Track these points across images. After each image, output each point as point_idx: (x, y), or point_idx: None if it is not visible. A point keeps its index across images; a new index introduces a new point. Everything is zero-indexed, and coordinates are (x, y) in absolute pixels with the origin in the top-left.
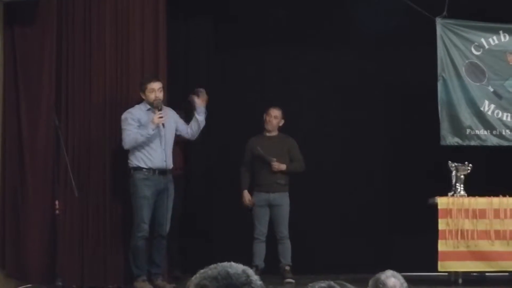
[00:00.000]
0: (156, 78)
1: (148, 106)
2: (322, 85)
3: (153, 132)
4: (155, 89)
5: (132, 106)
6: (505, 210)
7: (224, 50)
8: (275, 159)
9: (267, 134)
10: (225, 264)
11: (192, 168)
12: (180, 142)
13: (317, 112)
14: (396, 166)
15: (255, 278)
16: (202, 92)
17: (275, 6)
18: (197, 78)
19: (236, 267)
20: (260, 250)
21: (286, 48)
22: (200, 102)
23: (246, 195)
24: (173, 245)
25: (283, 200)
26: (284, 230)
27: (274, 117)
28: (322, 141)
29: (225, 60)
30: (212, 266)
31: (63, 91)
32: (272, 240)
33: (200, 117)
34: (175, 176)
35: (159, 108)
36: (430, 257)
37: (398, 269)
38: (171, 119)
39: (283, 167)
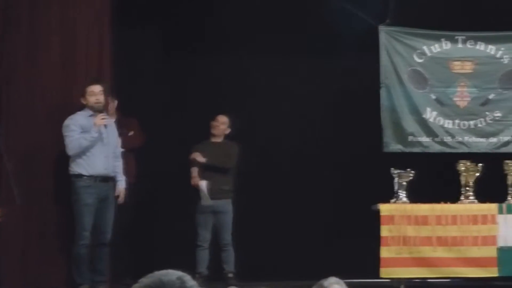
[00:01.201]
0: (96, 81)
1: (91, 112)
2: (271, 91)
3: (96, 135)
4: (96, 92)
5: (76, 112)
6: (447, 216)
7: (173, 56)
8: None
9: (213, 140)
10: (162, 272)
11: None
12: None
13: (266, 119)
14: (339, 173)
15: (191, 284)
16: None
17: (225, 13)
18: (147, 84)
19: (172, 275)
20: (203, 257)
21: (235, 54)
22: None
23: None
24: (123, 252)
25: (226, 207)
26: (227, 237)
27: (222, 123)
28: (269, 147)
29: (174, 67)
30: (149, 274)
31: (4, 96)
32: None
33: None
34: (131, 184)
35: (101, 111)
36: (373, 264)
37: (341, 276)
38: (114, 128)
39: (200, 159)
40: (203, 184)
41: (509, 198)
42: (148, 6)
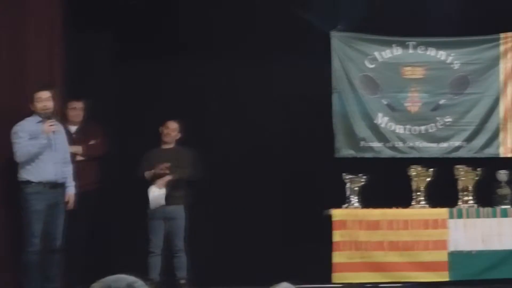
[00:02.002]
0: (44, 87)
1: (39, 118)
2: (223, 96)
3: (45, 142)
4: (43, 98)
5: (25, 118)
6: (399, 221)
7: (126, 61)
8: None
9: (164, 146)
10: (112, 277)
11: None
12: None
13: (218, 124)
14: (292, 178)
15: None
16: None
17: (180, 16)
18: (100, 90)
19: (122, 281)
20: (155, 263)
21: (187, 60)
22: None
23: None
24: (76, 259)
25: (178, 213)
26: (179, 243)
27: (172, 130)
28: (221, 152)
29: (127, 72)
30: (100, 280)
31: None
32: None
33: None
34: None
35: (49, 117)
36: (325, 269)
37: (293, 281)
38: (63, 134)
39: (166, 178)
40: (154, 190)
41: (460, 203)
42: (102, 11)
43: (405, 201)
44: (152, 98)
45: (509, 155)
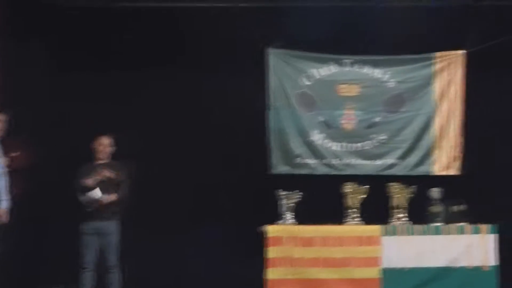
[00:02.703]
0: None
1: None
2: (159, 110)
3: None
4: None
5: None
6: (333, 238)
7: (61, 72)
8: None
9: (98, 162)
10: None
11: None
12: (19, 170)
13: (152, 138)
14: (227, 194)
15: None
16: None
17: (113, 30)
18: (34, 101)
19: None
20: (88, 279)
21: (125, 72)
22: None
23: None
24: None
25: (112, 228)
26: (113, 258)
27: (104, 146)
28: (155, 167)
29: (65, 83)
30: None
31: None
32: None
33: None
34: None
35: None
36: (259, 286)
37: None
38: None
39: (112, 198)
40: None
41: (393, 220)
42: (36, 21)
43: (339, 218)
44: (83, 109)
45: (442, 173)
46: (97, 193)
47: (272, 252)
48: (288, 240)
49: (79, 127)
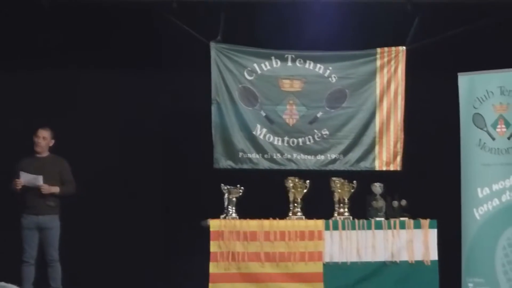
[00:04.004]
0: None
1: None
2: (98, 106)
3: None
4: None
5: None
6: (275, 232)
7: None
8: (42, 184)
9: (37, 155)
10: None
11: None
12: None
13: (91, 135)
14: (171, 188)
15: None
16: None
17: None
18: None
19: None
20: (28, 273)
21: (60, 69)
22: None
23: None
24: None
25: (52, 223)
26: (54, 253)
27: (43, 138)
28: (96, 163)
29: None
30: None
31: None
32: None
33: None
34: None
35: None
36: (202, 280)
37: None
38: None
39: (54, 189)
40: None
41: (336, 215)
42: None
43: (281, 213)
44: (22, 105)
45: (384, 169)
46: (39, 180)
47: (214, 246)
48: (230, 234)
49: (17, 122)
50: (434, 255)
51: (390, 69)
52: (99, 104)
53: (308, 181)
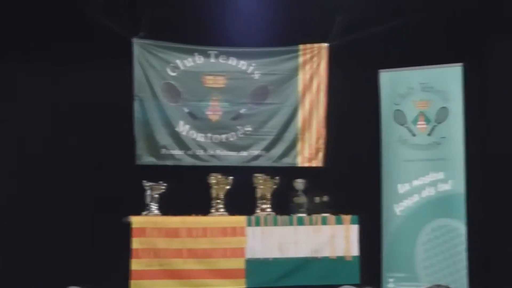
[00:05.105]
0: None
1: None
2: (24, 101)
3: None
4: None
5: None
6: (198, 229)
7: None
8: None
9: None
10: None
11: None
12: None
13: (13, 130)
14: (92, 185)
15: None
16: None
17: None
18: None
19: None
20: None
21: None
22: None
23: None
24: None
25: None
26: None
27: None
28: (21, 157)
29: None
30: None
31: None
32: None
33: None
34: None
35: None
36: (123, 276)
37: None
38: None
39: None
40: None
41: (258, 211)
42: None
43: (204, 209)
44: None
45: (306, 165)
46: None
47: (136, 243)
48: (152, 231)
49: None
50: (355, 251)
51: (312, 66)
52: (19, 98)
53: (231, 177)
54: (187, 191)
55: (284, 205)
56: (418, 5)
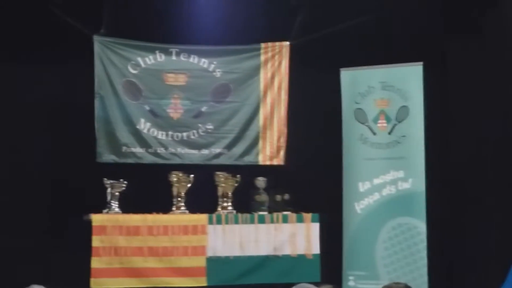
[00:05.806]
0: None
1: None
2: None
3: None
4: None
5: None
6: (159, 227)
7: None
8: None
9: None
10: None
11: None
12: None
13: None
14: (53, 183)
15: None
16: None
17: None
18: None
19: None
20: None
21: None
22: None
23: None
24: None
25: None
26: None
27: None
28: None
29: None
30: None
31: None
32: None
33: None
34: None
35: None
36: (83, 274)
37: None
38: None
39: None
40: None
41: (219, 209)
42: None
43: (165, 207)
44: None
45: (267, 163)
46: None
47: (96, 241)
48: (113, 229)
49: None
50: (316, 249)
51: (274, 64)
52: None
53: (192, 175)
54: (148, 189)
55: (245, 203)
56: (379, 4)
